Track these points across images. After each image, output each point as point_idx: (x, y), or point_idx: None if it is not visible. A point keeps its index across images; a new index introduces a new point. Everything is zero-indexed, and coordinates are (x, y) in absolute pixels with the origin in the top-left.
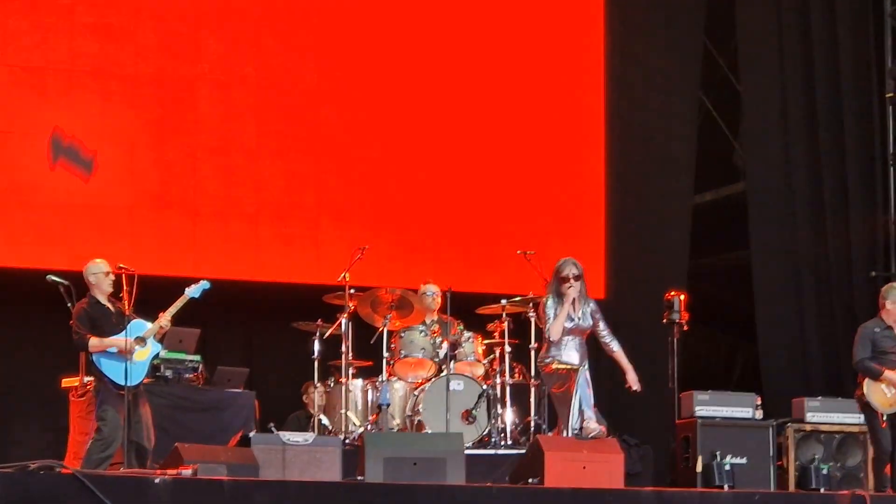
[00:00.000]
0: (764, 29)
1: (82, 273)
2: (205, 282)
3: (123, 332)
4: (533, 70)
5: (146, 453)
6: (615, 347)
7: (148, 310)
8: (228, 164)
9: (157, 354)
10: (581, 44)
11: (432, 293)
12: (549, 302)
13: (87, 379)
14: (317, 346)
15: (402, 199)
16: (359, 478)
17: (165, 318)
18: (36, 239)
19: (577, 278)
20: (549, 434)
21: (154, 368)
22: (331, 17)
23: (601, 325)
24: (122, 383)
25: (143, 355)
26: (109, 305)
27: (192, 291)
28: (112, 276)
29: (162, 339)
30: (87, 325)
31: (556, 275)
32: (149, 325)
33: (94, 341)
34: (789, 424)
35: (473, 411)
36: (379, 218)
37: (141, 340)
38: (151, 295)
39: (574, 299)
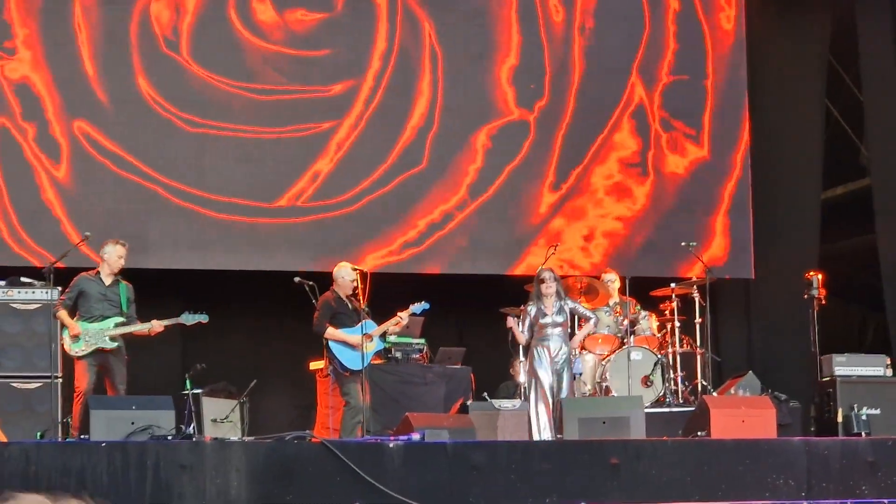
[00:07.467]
0: (883, 44)
1: (332, 272)
2: (426, 303)
3: (357, 329)
4: (686, 75)
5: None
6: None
7: (375, 299)
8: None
9: (383, 349)
10: (727, 55)
11: (611, 280)
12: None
13: None
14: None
15: (582, 203)
16: (559, 436)
17: (390, 327)
18: (284, 244)
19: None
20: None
21: (386, 351)
22: None
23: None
24: (350, 367)
25: (370, 349)
26: (348, 303)
27: (416, 308)
28: (355, 283)
29: (383, 336)
30: (328, 316)
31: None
32: (375, 325)
33: (330, 330)
34: None
35: (651, 377)
36: (566, 220)
37: (369, 337)
38: (377, 290)
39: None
